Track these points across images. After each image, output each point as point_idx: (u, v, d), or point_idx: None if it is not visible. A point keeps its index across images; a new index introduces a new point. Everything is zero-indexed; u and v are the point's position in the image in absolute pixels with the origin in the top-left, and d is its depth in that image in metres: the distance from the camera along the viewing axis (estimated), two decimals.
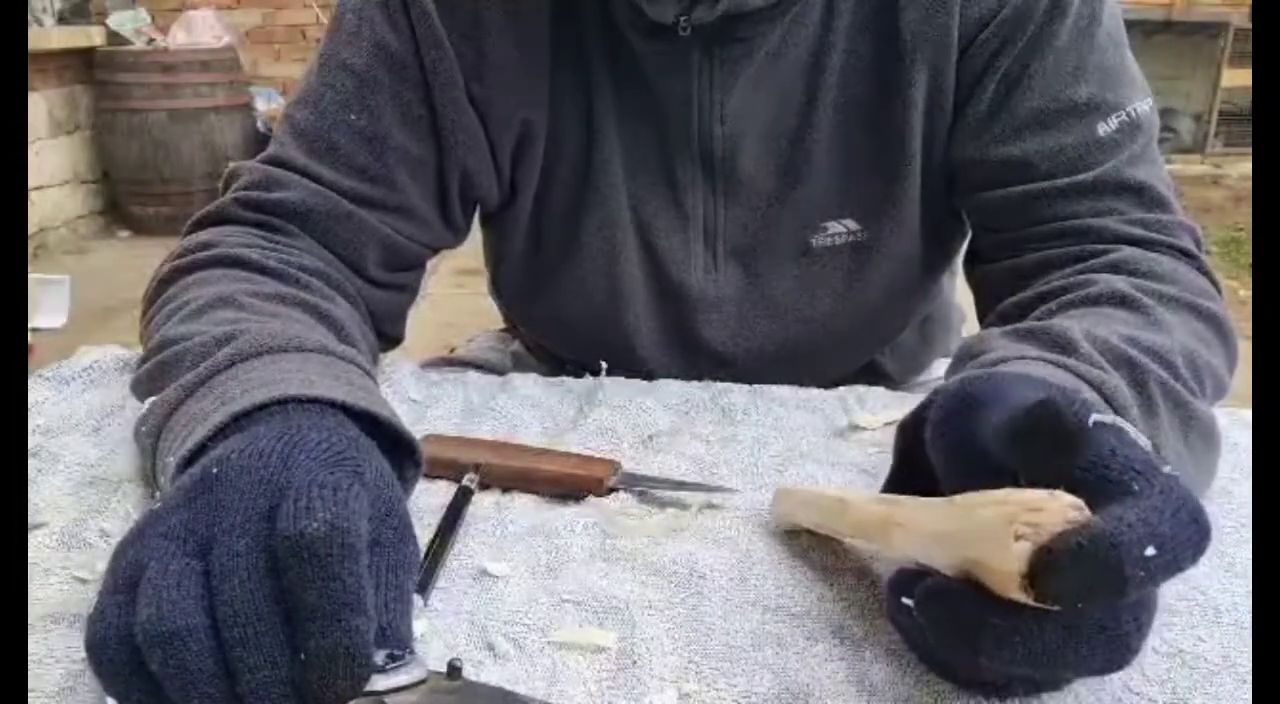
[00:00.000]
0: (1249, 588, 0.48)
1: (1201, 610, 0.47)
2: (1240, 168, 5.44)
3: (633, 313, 0.80)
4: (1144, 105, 0.70)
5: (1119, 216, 0.68)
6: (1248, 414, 0.68)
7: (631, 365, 0.79)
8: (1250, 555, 0.51)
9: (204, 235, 0.68)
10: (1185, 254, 0.67)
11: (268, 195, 0.70)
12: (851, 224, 0.76)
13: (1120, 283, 0.62)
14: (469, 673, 0.42)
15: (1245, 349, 0.65)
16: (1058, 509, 0.33)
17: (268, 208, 0.70)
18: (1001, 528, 0.33)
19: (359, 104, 0.71)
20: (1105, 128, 0.68)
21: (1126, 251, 0.66)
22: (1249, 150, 5.23)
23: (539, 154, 0.75)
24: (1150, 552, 0.32)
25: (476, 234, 0.87)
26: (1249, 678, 0.42)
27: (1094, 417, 0.37)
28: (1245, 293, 3.31)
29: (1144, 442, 0.40)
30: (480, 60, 0.71)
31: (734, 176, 0.74)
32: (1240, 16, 5.36)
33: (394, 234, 0.73)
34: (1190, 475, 0.53)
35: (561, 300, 0.81)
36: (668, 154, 0.75)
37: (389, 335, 0.76)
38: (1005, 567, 0.33)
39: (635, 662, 0.42)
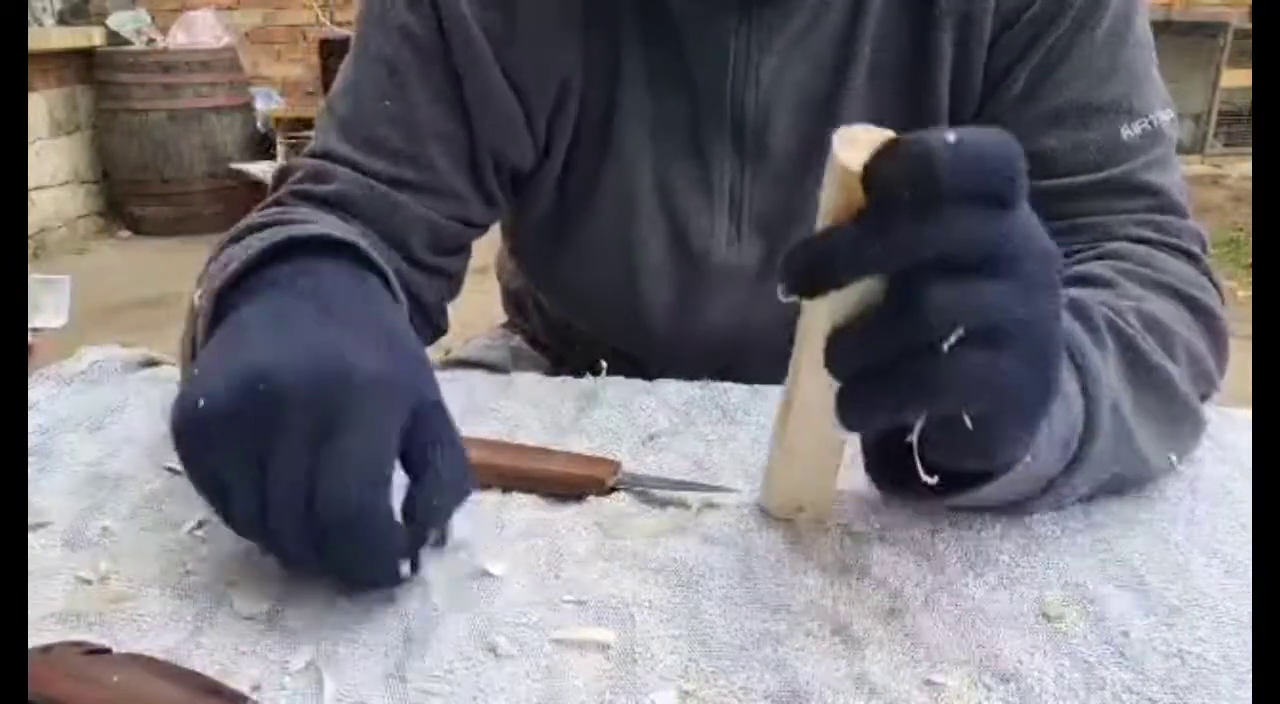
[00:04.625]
0: (1249, 588, 0.48)
1: (1201, 610, 0.47)
2: (1240, 168, 5.44)
3: (647, 278, 0.80)
4: (1166, 116, 0.71)
5: (1129, 215, 0.69)
6: (1248, 414, 0.68)
7: (635, 334, 0.80)
8: (1250, 555, 0.51)
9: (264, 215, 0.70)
10: (1189, 255, 0.68)
11: (320, 187, 0.71)
12: None
13: (1099, 267, 0.63)
14: (469, 673, 0.42)
15: (1245, 349, 0.65)
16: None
17: (323, 200, 0.71)
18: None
19: (392, 91, 0.72)
20: (1129, 132, 0.69)
21: (1123, 246, 0.66)
22: (1249, 150, 5.24)
23: (573, 112, 0.75)
24: (951, 139, 0.35)
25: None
26: (1249, 678, 0.42)
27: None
28: (1245, 293, 3.31)
29: None
30: (511, 27, 0.72)
31: (763, 146, 0.74)
32: (1240, 16, 5.36)
33: (435, 216, 0.74)
34: (1131, 419, 0.53)
35: (578, 262, 0.81)
36: (696, 120, 0.75)
37: (435, 324, 0.78)
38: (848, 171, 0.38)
39: (635, 661, 0.43)
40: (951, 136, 0.35)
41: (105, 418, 0.65)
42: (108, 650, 0.41)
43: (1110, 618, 0.46)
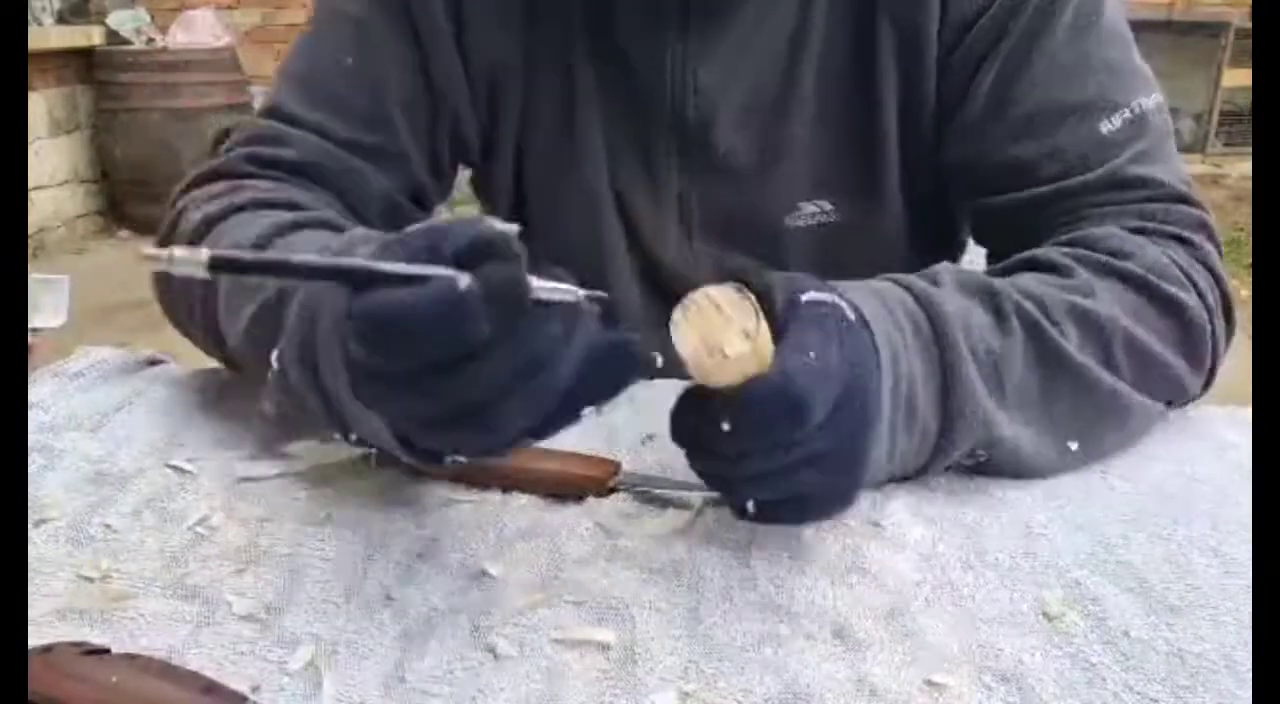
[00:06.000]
0: (1249, 588, 0.48)
1: (1201, 610, 0.47)
2: (1240, 167, 5.43)
3: (615, 279, 0.80)
4: (1150, 101, 0.68)
5: (1115, 207, 0.66)
6: (1248, 414, 0.67)
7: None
8: (1250, 555, 0.51)
9: (217, 186, 0.68)
10: (1180, 240, 0.64)
11: (275, 151, 0.70)
12: (826, 205, 0.76)
13: (1056, 253, 0.62)
14: (469, 673, 0.42)
15: (1245, 348, 0.65)
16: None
17: (277, 164, 0.70)
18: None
19: (355, 48, 0.72)
20: (1109, 126, 0.67)
21: (1093, 232, 0.64)
22: (1249, 150, 5.23)
23: (514, 107, 0.76)
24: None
25: None
26: (1249, 678, 0.42)
27: (805, 296, 0.46)
28: (1245, 293, 3.31)
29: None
30: (458, 8, 0.72)
31: (709, 151, 0.74)
32: (1241, 16, 5.36)
33: (392, 190, 0.73)
34: (1036, 407, 0.56)
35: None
36: (644, 124, 0.75)
37: None
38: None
39: (635, 662, 0.43)
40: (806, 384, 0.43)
41: (107, 416, 0.65)
42: (107, 650, 0.41)
43: (1110, 618, 0.46)
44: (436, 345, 0.37)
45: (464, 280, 0.37)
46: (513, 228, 0.40)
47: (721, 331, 0.42)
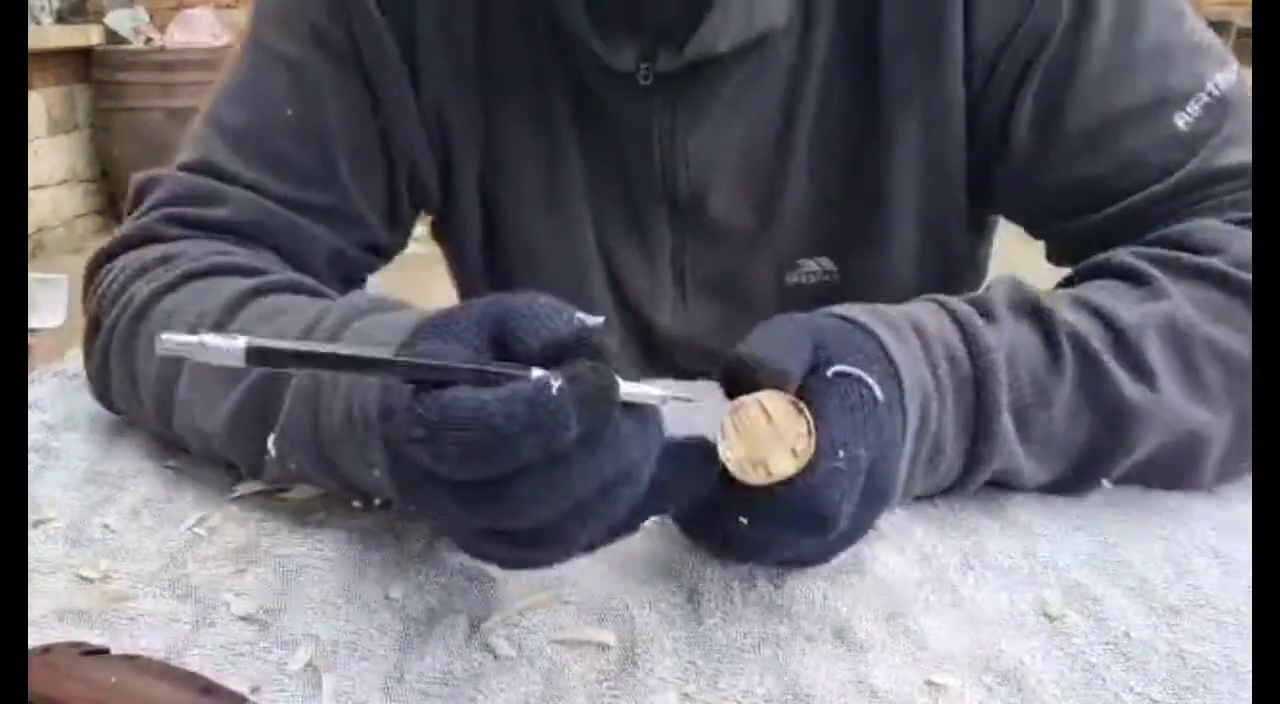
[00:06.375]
0: (1249, 588, 0.48)
1: (1202, 610, 0.47)
2: None
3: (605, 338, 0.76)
4: (1226, 75, 0.60)
5: (1213, 201, 0.59)
6: None
7: None
8: (1250, 555, 0.51)
9: (149, 253, 0.61)
10: None
11: (203, 212, 0.63)
12: (827, 263, 0.72)
13: (1128, 254, 0.57)
14: (468, 674, 0.42)
15: None
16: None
17: (205, 225, 0.63)
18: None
19: (295, 97, 0.65)
20: (1185, 118, 0.60)
21: (1184, 225, 0.58)
22: None
23: (472, 150, 0.70)
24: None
25: None
26: (1249, 678, 0.42)
27: (833, 369, 0.44)
28: None
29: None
30: (414, 43, 0.66)
31: (704, 217, 0.71)
32: (1241, 16, 5.36)
33: (342, 243, 0.68)
34: (1074, 453, 0.53)
35: None
36: (632, 191, 0.71)
37: None
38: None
39: (635, 663, 0.42)
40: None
41: (106, 417, 0.65)
42: (106, 651, 0.41)
43: (1110, 618, 0.46)
44: (519, 454, 0.33)
45: (556, 382, 0.33)
46: (598, 320, 0.38)
47: (769, 447, 0.41)
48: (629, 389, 0.36)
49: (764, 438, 0.41)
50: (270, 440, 0.49)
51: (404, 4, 0.66)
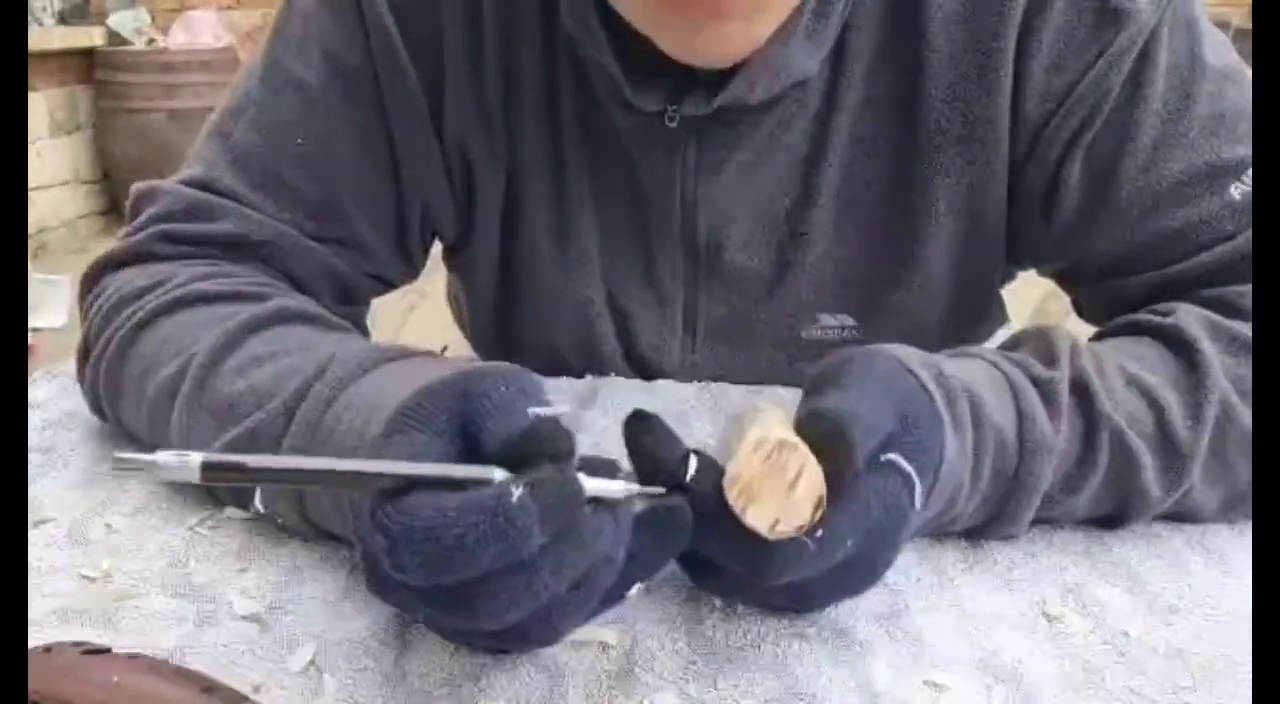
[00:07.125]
0: (1249, 588, 0.48)
1: (1201, 610, 0.47)
2: None
3: (606, 377, 0.74)
4: None
5: None
6: None
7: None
8: (1250, 555, 0.51)
9: (139, 279, 0.60)
10: None
11: (201, 227, 0.62)
12: (848, 320, 0.70)
13: (1192, 320, 0.55)
14: (469, 673, 0.42)
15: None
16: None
17: (201, 240, 0.62)
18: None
19: (308, 126, 0.63)
20: (1240, 187, 0.59)
21: (1230, 289, 0.58)
22: None
23: (497, 195, 0.68)
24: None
25: None
26: (1249, 678, 0.42)
27: (887, 456, 0.41)
28: None
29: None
30: (439, 76, 0.64)
31: (719, 265, 0.69)
32: (1240, 16, 5.35)
33: (347, 268, 0.67)
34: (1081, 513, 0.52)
35: (534, 352, 0.76)
36: (646, 234, 0.69)
37: None
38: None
39: (635, 662, 0.43)
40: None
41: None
42: (107, 650, 0.41)
43: (1110, 618, 0.46)
44: (479, 563, 0.33)
45: (516, 490, 0.33)
46: (562, 410, 0.37)
47: (796, 509, 0.38)
48: (593, 486, 0.36)
49: (788, 497, 0.38)
50: (257, 498, 0.49)
51: (431, 40, 0.63)
